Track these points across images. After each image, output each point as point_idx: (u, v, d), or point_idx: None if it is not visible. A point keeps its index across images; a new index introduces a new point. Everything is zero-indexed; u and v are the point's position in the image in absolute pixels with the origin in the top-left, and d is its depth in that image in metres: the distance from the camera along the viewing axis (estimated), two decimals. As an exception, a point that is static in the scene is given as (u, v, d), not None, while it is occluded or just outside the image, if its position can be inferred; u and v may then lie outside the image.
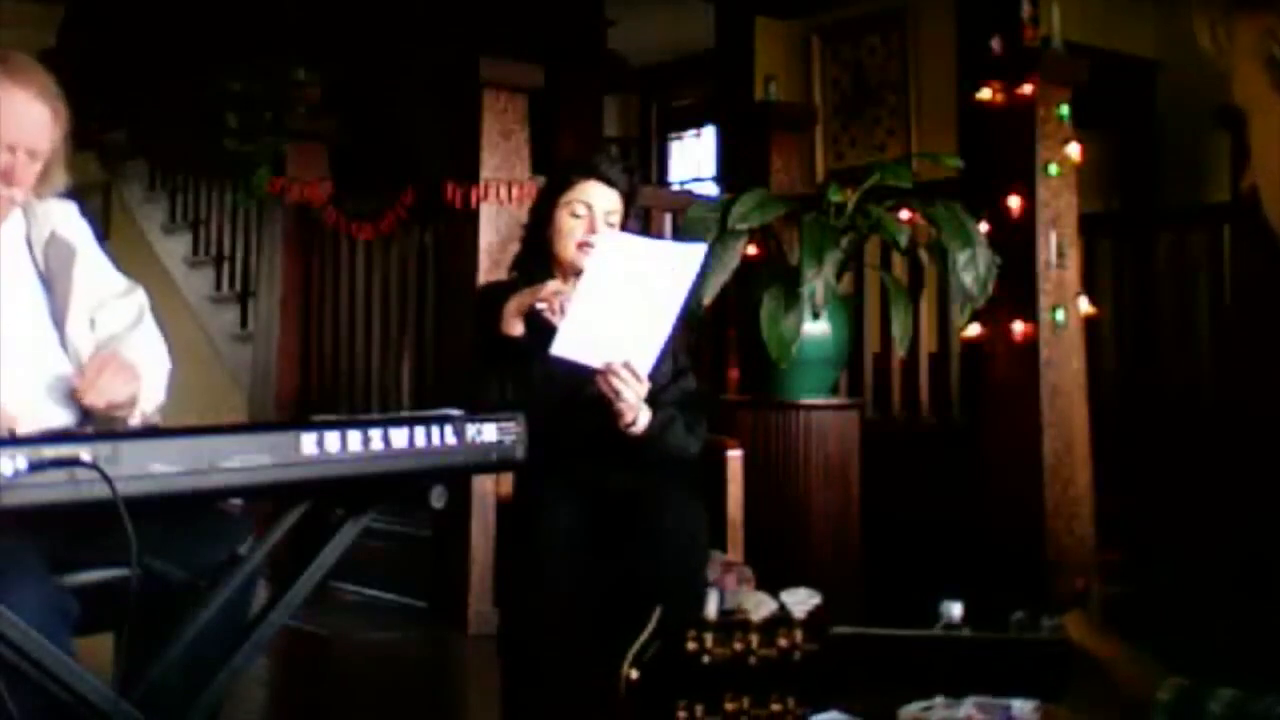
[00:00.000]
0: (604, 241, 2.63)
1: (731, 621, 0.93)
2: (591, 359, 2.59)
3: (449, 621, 4.36)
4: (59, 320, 2.21)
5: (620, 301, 2.58)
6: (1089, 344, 4.50)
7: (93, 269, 2.32)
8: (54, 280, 2.23)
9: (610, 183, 2.77)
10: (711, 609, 0.94)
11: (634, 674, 0.92)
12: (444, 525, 4.43)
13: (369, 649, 4.30)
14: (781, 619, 0.93)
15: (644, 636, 0.92)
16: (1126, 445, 4.60)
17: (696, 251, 2.66)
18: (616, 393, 2.60)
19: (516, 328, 2.67)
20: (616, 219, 2.77)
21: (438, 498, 1.91)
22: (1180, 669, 1.04)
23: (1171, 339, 4.98)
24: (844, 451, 4.21)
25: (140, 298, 2.38)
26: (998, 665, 1.01)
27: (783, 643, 0.93)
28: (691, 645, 0.92)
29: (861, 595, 4.18)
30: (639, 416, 2.65)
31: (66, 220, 2.31)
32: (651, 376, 2.70)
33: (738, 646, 0.92)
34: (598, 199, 2.75)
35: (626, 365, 2.59)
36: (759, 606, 0.96)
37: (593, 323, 2.57)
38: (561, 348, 2.57)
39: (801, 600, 0.95)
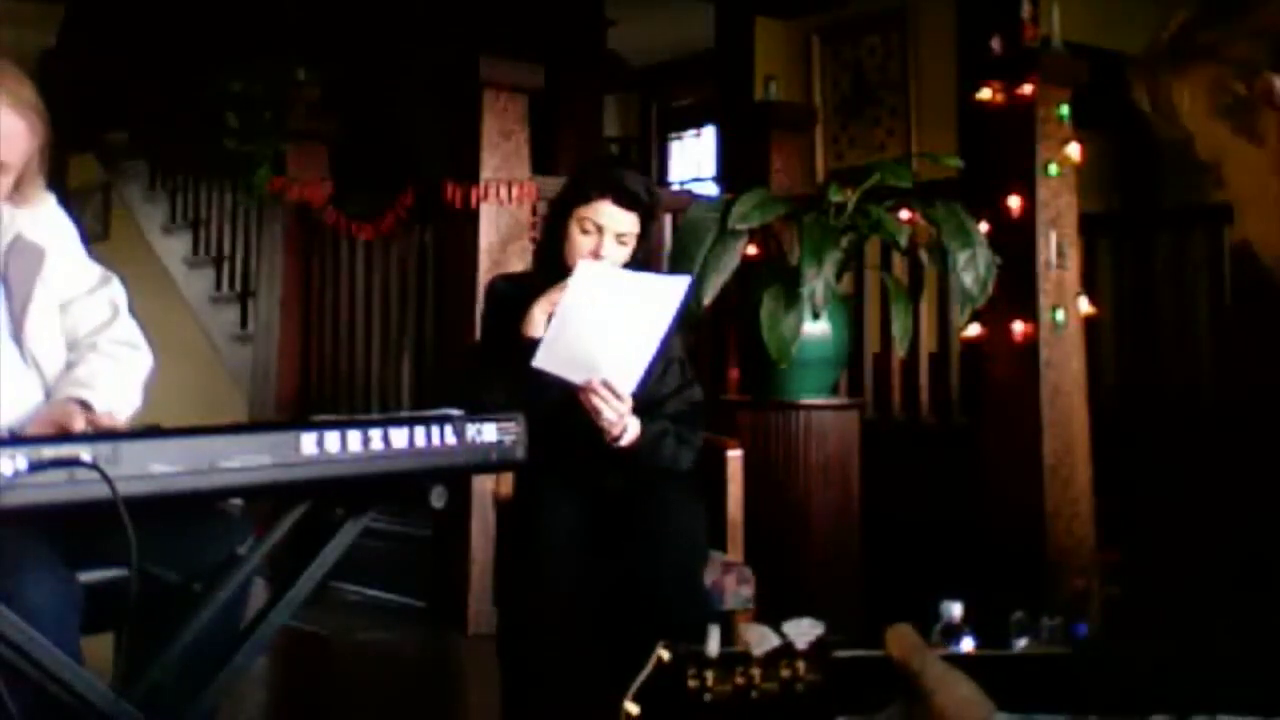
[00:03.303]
0: (583, 272, 2.59)
1: (732, 656, 0.92)
2: (572, 376, 2.60)
3: (449, 621, 4.36)
4: (16, 324, 2.16)
5: (600, 328, 2.58)
6: (1089, 344, 4.49)
7: (62, 268, 2.26)
8: (13, 284, 2.17)
9: (627, 205, 2.71)
10: (712, 646, 0.93)
11: (634, 710, 0.91)
12: (444, 525, 4.43)
13: (369, 649, 4.30)
14: (783, 650, 0.93)
15: (645, 672, 0.92)
16: (1126, 445, 4.60)
17: (680, 284, 2.64)
18: (596, 410, 2.60)
19: (539, 329, 2.66)
20: (630, 240, 2.73)
21: (438, 498, 1.91)
22: (1180, 669, 1.03)
23: (1171, 339, 4.98)
24: (844, 451, 4.22)
25: (113, 292, 2.32)
26: (1001, 678, 1.00)
27: (785, 674, 0.92)
28: (692, 683, 0.91)
29: (861, 595, 4.18)
30: (625, 431, 2.65)
31: (36, 222, 2.24)
32: (647, 390, 2.71)
33: (739, 681, 0.91)
34: (610, 220, 2.71)
35: (605, 384, 2.59)
36: (761, 641, 0.94)
37: (572, 344, 2.57)
38: (543, 362, 2.58)
39: (804, 631, 0.93)
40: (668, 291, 2.62)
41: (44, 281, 2.20)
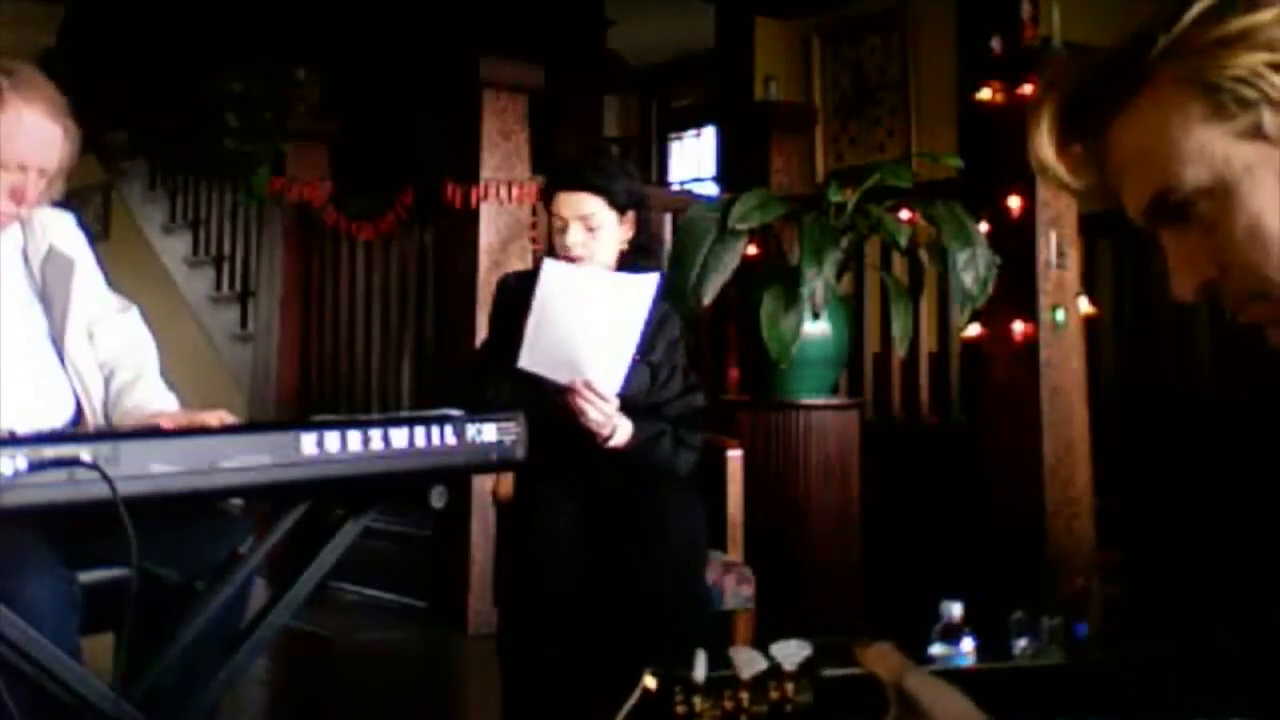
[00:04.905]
0: (548, 271, 2.62)
1: (720, 680, 0.91)
2: (555, 376, 2.61)
3: (449, 621, 4.36)
4: (57, 337, 2.20)
5: (573, 326, 2.60)
6: (1089, 344, 4.49)
7: (91, 283, 2.31)
8: (51, 296, 2.21)
9: (575, 186, 2.74)
10: (699, 670, 0.92)
11: None
12: (444, 525, 4.43)
13: (369, 649, 4.30)
14: (771, 672, 0.92)
15: (633, 699, 0.91)
16: (1126, 445, 4.60)
17: (649, 282, 2.66)
18: (581, 411, 2.61)
19: None
20: (599, 221, 2.73)
21: (438, 498, 1.91)
22: (1180, 669, 1.03)
23: (1171, 339, 4.97)
24: (844, 451, 4.21)
25: (136, 315, 2.38)
26: (997, 693, 0.99)
27: (774, 696, 0.91)
28: (680, 709, 0.90)
29: (861, 595, 4.18)
30: (615, 431, 2.66)
31: (65, 233, 2.29)
32: (648, 395, 2.73)
33: (728, 705, 0.91)
34: (567, 207, 2.74)
35: (587, 384, 2.60)
36: (749, 664, 0.93)
37: (550, 344, 2.60)
38: (526, 363, 2.60)
39: (792, 653, 0.92)
40: (638, 289, 2.64)
41: (76, 293, 2.25)
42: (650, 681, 0.90)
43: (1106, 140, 1.00)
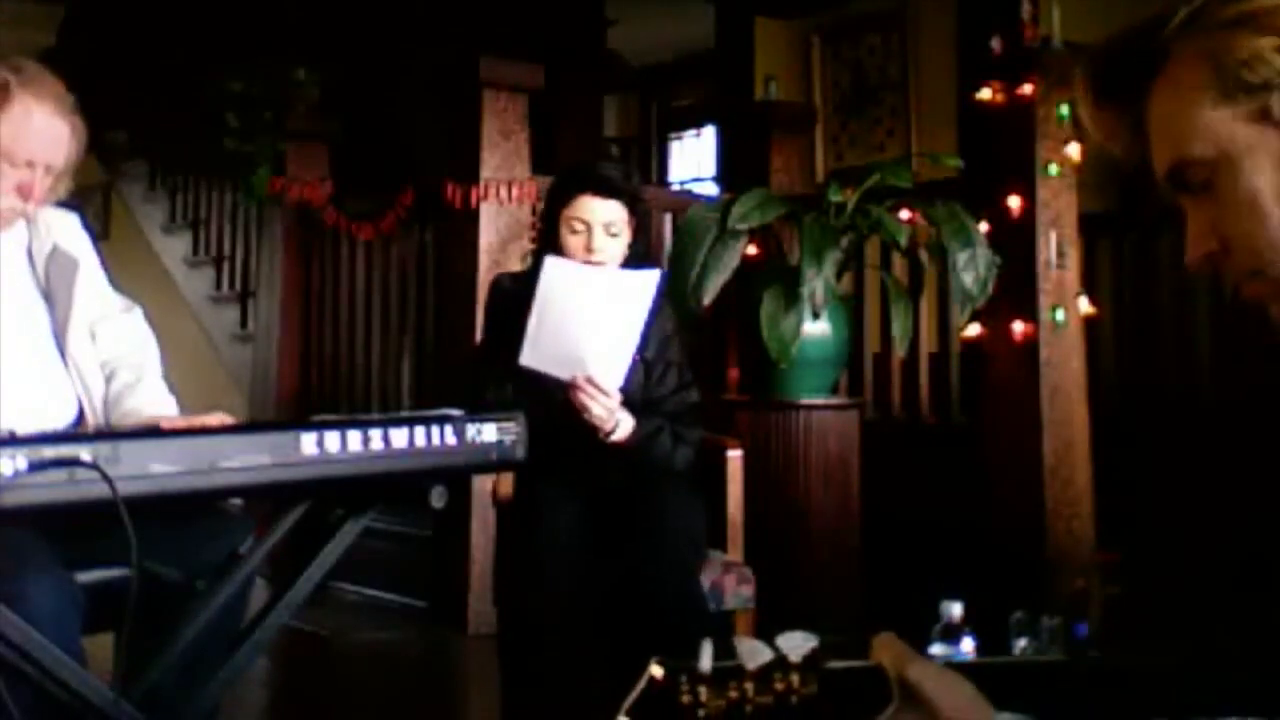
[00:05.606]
0: (549, 268, 2.61)
1: (725, 670, 0.92)
2: (558, 372, 2.62)
3: (449, 621, 4.36)
4: (60, 335, 2.20)
5: (575, 323, 2.60)
6: (1089, 344, 4.49)
7: (94, 283, 2.32)
8: (55, 294, 2.21)
9: (607, 193, 2.72)
10: (705, 660, 0.92)
11: None
12: (444, 525, 4.43)
13: (369, 649, 4.30)
14: (776, 663, 0.92)
15: (638, 689, 0.91)
16: (1126, 445, 4.60)
17: (651, 278, 2.66)
18: (584, 406, 2.62)
19: None
20: (620, 228, 2.74)
21: (438, 498, 1.91)
22: (1180, 669, 1.03)
23: (1171, 339, 4.97)
24: (844, 451, 4.21)
25: (139, 315, 2.38)
26: (1000, 687, 0.99)
27: (779, 687, 0.92)
28: (686, 698, 0.90)
29: (861, 595, 4.18)
30: (617, 426, 2.66)
31: (69, 233, 2.30)
32: (644, 391, 2.74)
33: (733, 695, 0.91)
34: (594, 213, 2.72)
35: (589, 380, 2.60)
36: (754, 655, 0.93)
37: (552, 341, 2.60)
38: (528, 360, 2.60)
39: (798, 644, 0.93)
40: (639, 285, 2.64)
41: (79, 292, 2.25)
42: (656, 671, 0.91)
43: (1144, 108, 1.04)
